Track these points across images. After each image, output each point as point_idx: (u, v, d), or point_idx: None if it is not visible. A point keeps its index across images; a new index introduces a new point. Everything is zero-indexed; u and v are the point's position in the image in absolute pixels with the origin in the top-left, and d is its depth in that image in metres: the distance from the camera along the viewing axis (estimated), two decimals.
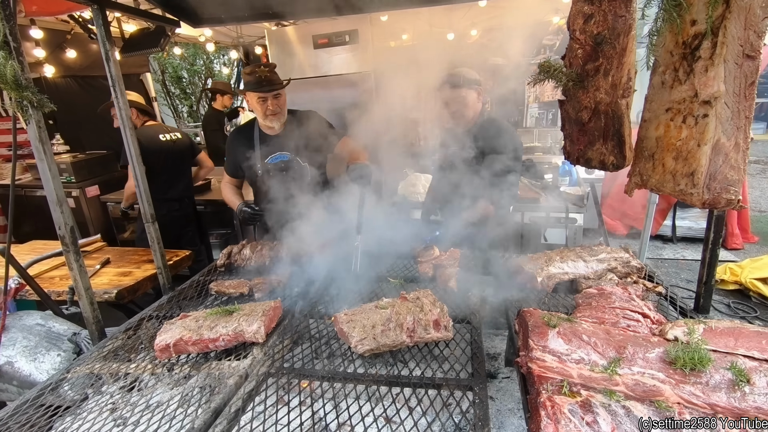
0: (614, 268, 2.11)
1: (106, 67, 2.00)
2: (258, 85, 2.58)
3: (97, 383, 1.67)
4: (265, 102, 2.63)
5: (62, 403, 1.59)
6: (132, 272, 3.06)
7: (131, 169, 2.17)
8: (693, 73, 1.28)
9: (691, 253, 5.51)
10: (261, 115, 2.72)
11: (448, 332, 1.62)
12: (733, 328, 1.34)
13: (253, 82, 2.59)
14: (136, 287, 2.85)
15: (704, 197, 1.30)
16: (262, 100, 2.63)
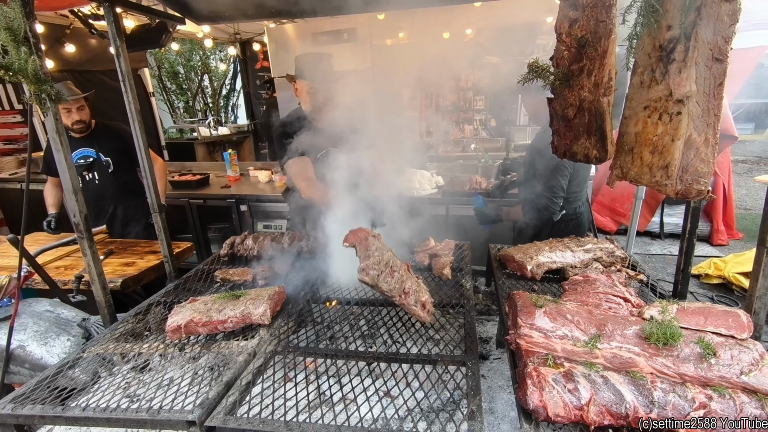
0: (599, 258, 2.23)
1: (117, 63, 2.08)
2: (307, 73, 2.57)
3: (109, 364, 1.76)
4: (312, 93, 2.61)
5: (74, 385, 1.69)
6: (135, 262, 3.15)
7: (141, 162, 2.25)
8: (668, 74, 1.40)
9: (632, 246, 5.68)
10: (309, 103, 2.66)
11: (428, 316, 1.72)
12: (704, 308, 1.47)
13: (306, 69, 2.56)
14: (140, 276, 2.94)
15: (677, 188, 1.42)
16: (308, 90, 2.60)
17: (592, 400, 1.20)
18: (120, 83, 2.11)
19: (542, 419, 1.20)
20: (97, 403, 1.38)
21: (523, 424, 1.19)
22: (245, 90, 9.02)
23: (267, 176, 5.24)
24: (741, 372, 1.25)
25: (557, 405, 1.19)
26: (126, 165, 3.60)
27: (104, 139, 3.57)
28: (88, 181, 3.58)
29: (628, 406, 1.19)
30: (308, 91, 2.61)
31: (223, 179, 5.50)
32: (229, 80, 10.43)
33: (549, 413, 1.19)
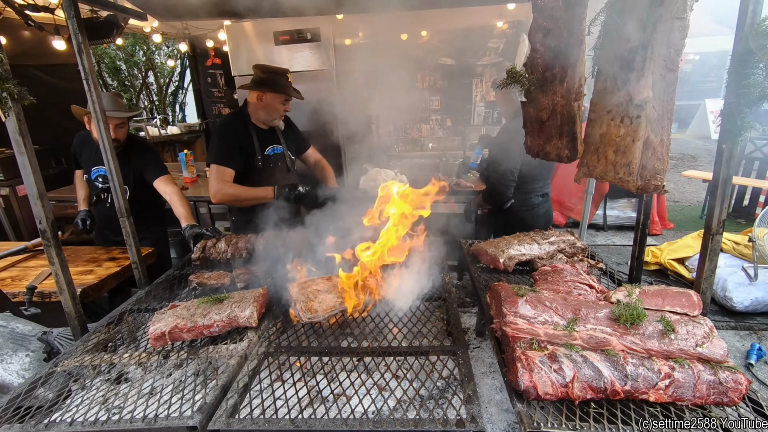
0: (563, 249, 2.41)
1: (79, 60, 1.97)
2: (288, 89, 2.83)
3: (86, 377, 1.68)
4: (285, 104, 2.87)
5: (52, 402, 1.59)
6: (94, 270, 2.98)
7: (107, 164, 2.14)
8: (628, 82, 1.56)
9: (620, 239, 6.16)
10: (274, 115, 2.88)
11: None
12: (661, 290, 1.65)
13: (283, 84, 2.81)
14: (100, 285, 2.79)
15: (638, 183, 1.59)
16: (285, 102, 2.85)
17: (576, 377, 1.32)
18: (83, 81, 2.00)
19: (533, 398, 1.30)
20: (84, 417, 1.33)
21: (516, 404, 1.29)
22: (195, 88, 8.67)
23: None
24: (696, 344, 1.43)
25: (546, 384, 1.30)
26: (145, 193, 3.19)
27: (131, 161, 3.13)
28: (101, 201, 3.22)
29: (606, 381, 1.32)
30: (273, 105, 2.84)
31: (179, 181, 5.27)
32: (177, 77, 9.96)
33: (539, 392, 1.30)
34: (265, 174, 2.95)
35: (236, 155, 2.84)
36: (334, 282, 1.98)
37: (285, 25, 3.89)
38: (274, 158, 2.99)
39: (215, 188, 2.81)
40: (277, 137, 3.02)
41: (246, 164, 2.91)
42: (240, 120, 2.91)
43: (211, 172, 2.87)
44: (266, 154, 2.94)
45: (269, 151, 2.96)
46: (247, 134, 2.89)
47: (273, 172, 2.97)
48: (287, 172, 3.06)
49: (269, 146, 2.96)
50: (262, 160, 2.91)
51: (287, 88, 2.82)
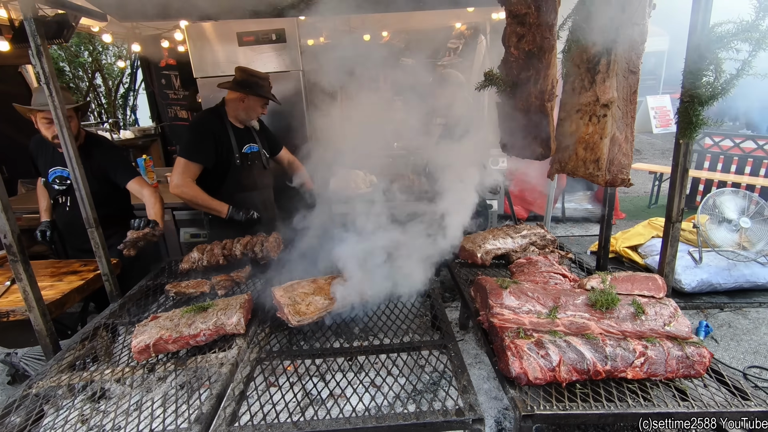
0: (534, 242, 2.53)
1: (38, 63, 1.87)
2: (270, 94, 2.93)
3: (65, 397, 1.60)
4: (264, 107, 2.96)
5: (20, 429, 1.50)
6: (54, 285, 2.82)
7: (72, 170, 2.03)
8: (595, 83, 1.67)
9: (578, 231, 6.49)
10: (253, 115, 2.95)
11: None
12: (630, 276, 1.78)
13: (266, 89, 2.91)
14: (63, 300, 2.64)
15: (606, 177, 1.70)
16: (264, 105, 2.94)
17: (561, 361, 1.41)
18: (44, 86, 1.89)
19: (524, 384, 1.38)
20: None
21: (509, 390, 1.36)
22: (148, 90, 8.30)
23: None
24: (664, 324, 1.56)
25: (535, 369, 1.38)
26: (108, 192, 2.93)
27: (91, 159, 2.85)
28: (60, 204, 2.97)
29: (589, 363, 1.42)
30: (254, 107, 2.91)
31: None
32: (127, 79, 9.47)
33: (529, 377, 1.37)
34: (242, 171, 2.95)
35: (208, 151, 2.80)
36: (319, 284, 1.99)
37: (248, 26, 3.81)
38: (251, 156, 3.00)
39: (177, 182, 2.77)
40: (252, 136, 3.04)
41: (223, 161, 2.88)
42: (217, 117, 2.90)
43: (176, 165, 2.78)
44: (244, 152, 2.95)
45: (246, 149, 2.97)
46: (224, 131, 2.89)
47: (250, 169, 2.98)
48: (263, 170, 3.06)
49: (246, 144, 2.98)
50: (240, 158, 2.91)
51: (269, 92, 2.91)
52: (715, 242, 4.54)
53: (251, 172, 2.98)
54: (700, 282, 4.50)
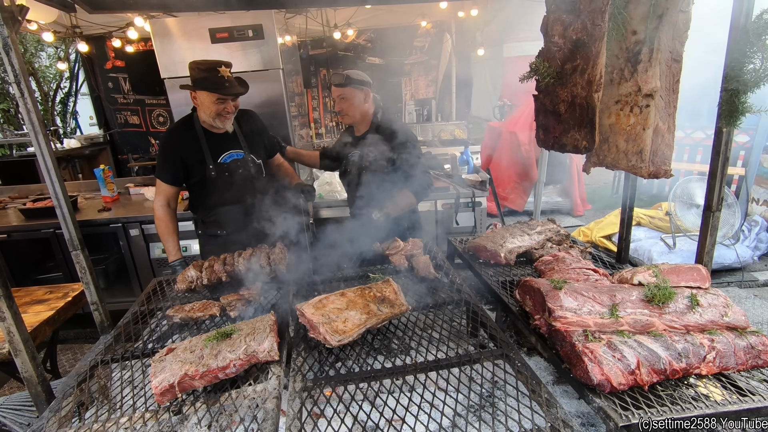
0: (551, 238, 2.49)
1: (5, 59, 1.57)
2: (219, 86, 2.41)
3: None
4: (223, 103, 2.48)
5: None
6: None
7: (48, 182, 1.73)
8: (636, 73, 1.63)
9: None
10: (212, 115, 2.51)
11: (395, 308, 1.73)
12: (674, 267, 1.76)
13: (213, 81, 2.41)
14: (32, 335, 2.29)
15: (650, 169, 1.67)
16: (221, 101, 2.47)
17: (639, 363, 1.34)
18: (11, 85, 1.59)
19: (608, 391, 1.30)
20: None
21: (594, 400, 1.27)
22: (93, 94, 7.63)
23: None
24: (721, 315, 1.54)
25: (617, 374, 1.30)
26: None
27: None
28: None
29: (665, 362, 1.36)
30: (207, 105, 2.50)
31: (97, 201, 4.60)
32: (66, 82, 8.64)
33: (613, 383, 1.29)
34: (221, 184, 2.65)
35: (173, 168, 2.59)
36: (350, 297, 1.82)
37: (222, 21, 3.54)
38: (232, 165, 2.66)
39: (157, 204, 2.65)
40: (236, 141, 2.69)
41: (197, 174, 2.62)
42: (185, 126, 2.61)
43: (156, 188, 2.68)
44: (220, 162, 2.63)
45: (225, 158, 2.65)
46: (194, 141, 2.58)
47: (231, 181, 2.66)
48: (251, 180, 2.72)
49: (225, 152, 2.66)
50: (215, 169, 2.61)
51: (218, 85, 2.41)
52: (686, 227, 4.77)
53: (233, 184, 2.66)
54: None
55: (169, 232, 2.63)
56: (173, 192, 2.66)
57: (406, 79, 7.67)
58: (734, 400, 1.29)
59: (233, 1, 2.56)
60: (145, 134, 7.86)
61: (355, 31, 7.05)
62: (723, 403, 1.26)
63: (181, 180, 2.65)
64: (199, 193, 2.72)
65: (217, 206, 2.71)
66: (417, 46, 7.55)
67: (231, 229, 2.73)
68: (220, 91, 2.41)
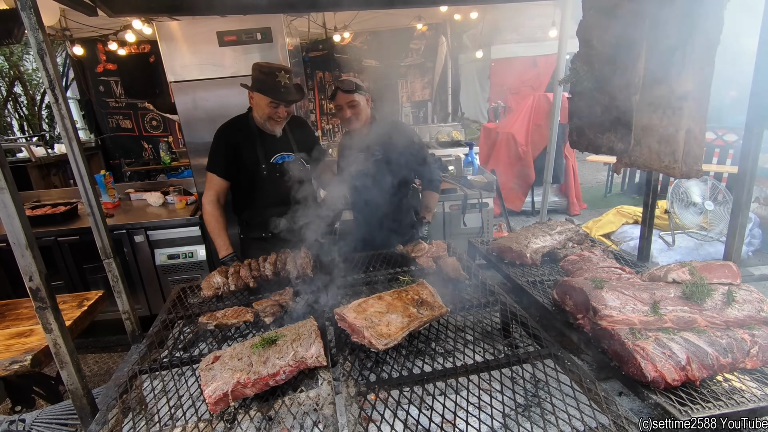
0: (571, 238, 2.53)
1: (41, 64, 1.53)
2: (277, 91, 2.49)
3: None
4: (276, 107, 2.55)
5: None
6: (33, 329, 2.41)
7: (82, 192, 1.69)
8: (669, 76, 1.67)
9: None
10: (264, 117, 2.60)
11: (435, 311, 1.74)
12: (706, 264, 1.80)
13: (270, 85, 2.49)
14: None
15: (683, 169, 1.71)
16: (274, 105, 2.54)
17: (689, 359, 1.37)
18: (49, 92, 1.56)
19: (662, 387, 1.32)
20: None
21: (650, 396, 1.30)
22: (84, 98, 7.47)
23: (159, 198, 4.48)
24: (758, 310, 1.58)
25: (670, 371, 1.33)
26: None
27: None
28: None
29: (712, 357, 1.40)
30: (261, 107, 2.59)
31: None
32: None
33: (667, 380, 1.32)
34: (270, 184, 2.70)
35: (225, 162, 2.64)
36: (387, 300, 1.82)
37: (230, 24, 3.50)
38: (283, 167, 2.71)
39: (206, 199, 2.66)
40: (288, 143, 2.75)
41: (249, 173, 2.68)
42: (240, 123, 2.68)
43: (206, 181, 2.70)
44: (272, 163, 2.69)
45: (277, 159, 2.71)
46: (250, 139, 2.65)
47: (280, 182, 2.69)
48: (298, 182, 2.68)
49: (277, 153, 2.72)
50: (267, 169, 2.67)
51: (273, 89, 2.49)
52: (684, 224, 4.89)
53: (282, 185, 2.68)
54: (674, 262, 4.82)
55: (219, 227, 2.63)
56: (225, 187, 2.68)
57: (403, 81, 7.71)
58: None
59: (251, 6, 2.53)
60: (137, 138, 7.74)
61: (351, 33, 7.06)
62: None
63: (233, 175, 2.67)
64: (247, 193, 2.75)
65: (266, 207, 2.73)
66: (413, 48, 7.60)
67: (277, 230, 2.68)
68: (274, 96, 2.48)
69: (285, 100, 2.54)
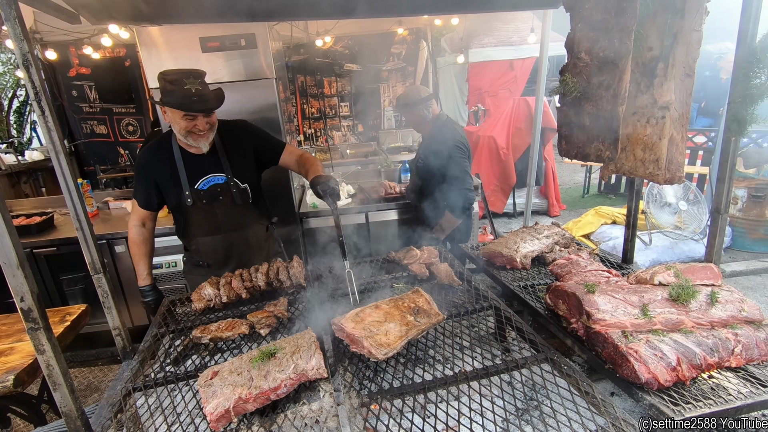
0: (558, 241, 2.59)
1: (26, 75, 1.48)
2: (185, 101, 2.11)
3: None
4: (193, 120, 2.18)
5: None
6: (14, 347, 2.32)
7: (70, 206, 1.65)
8: (652, 86, 1.74)
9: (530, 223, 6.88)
10: (182, 133, 2.23)
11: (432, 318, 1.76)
12: (689, 266, 1.88)
13: (178, 96, 2.11)
14: (35, 365, 2.18)
15: (666, 176, 1.78)
16: (190, 117, 2.18)
17: (679, 359, 1.43)
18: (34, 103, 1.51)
19: (656, 388, 1.38)
20: None
21: (644, 397, 1.35)
22: (56, 103, 7.21)
23: None
24: (739, 310, 1.66)
25: (663, 372, 1.39)
26: None
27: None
28: None
29: (700, 357, 1.46)
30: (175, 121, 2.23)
31: None
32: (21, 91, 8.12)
33: (660, 381, 1.37)
34: (199, 213, 2.41)
35: (146, 192, 2.38)
36: (385, 309, 1.83)
37: (213, 30, 3.45)
38: (211, 192, 2.39)
39: (129, 221, 2.47)
40: (217, 163, 2.38)
41: (173, 200, 2.40)
42: (161, 147, 2.37)
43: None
44: (197, 189, 2.36)
45: (203, 183, 2.37)
46: (169, 163, 2.34)
47: (210, 209, 2.40)
48: (231, 206, 2.44)
49: (204, 177, 2.38)
50: (192, 196, 2.35)
51: (183, 100, 2.11)
52: (660, 224, 5.07)
53: (212, 212, 2.41)
54: (652, 261, 5.00)
55: (140, 254, 2.41)
56: (147, 214, 2.44)
57: (384, 85, 7.73)
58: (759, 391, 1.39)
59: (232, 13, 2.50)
60: (113, 144, 7.52)
61: (332, 37, 7.04)
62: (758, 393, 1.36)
63: (155, 204, 2.43)
64: (179, 219, 2.50)
65: (197, 236, 2.49)
66: (394, 52, 7.63)
67: (213, 261, 2.53)
68: (186, 107, 2.13)
69: (199, 109, 2.16)
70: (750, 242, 5.27)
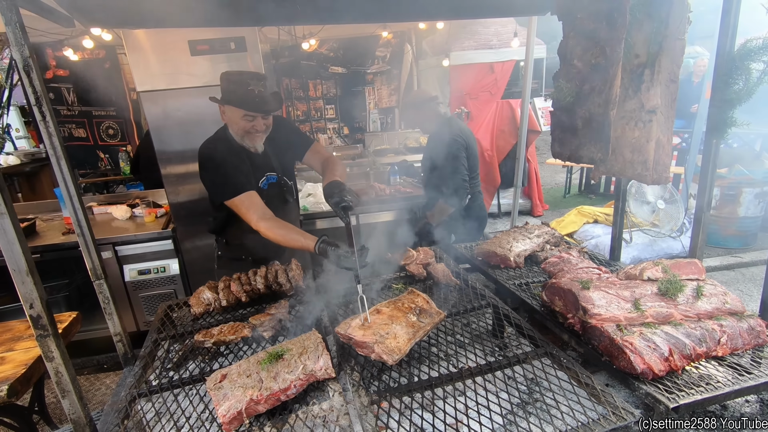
0: (548, 240, 2.68)
1: (26, 81, 1.47)
2: (251, 102, 2.17)
3: None
4: (252, 120, 2.23)
5: None
6: (5, 357, 2.27)
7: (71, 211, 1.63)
8: (639, 92, 1.83)
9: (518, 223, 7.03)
10: (240, 133, 2.28)
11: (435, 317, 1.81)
12: (675, 263, 1.97)
13: (242, 97, 2.16)
14: (28, 375, 2.14)
15: (653, 177, 1.87)
16: (249, 118, 2.23)
17: (671, 350, 1.51)
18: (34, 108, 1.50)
19: (651, 378, 1.45)
20: None
21: (641, 387, 1.42)
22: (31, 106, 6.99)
23: (126, 212, 4.30)
24: (723, 302, 1.76)
25: (657, 362, 1.46)
26: None
27: None
28: None
29: (689, 347, 1.55)
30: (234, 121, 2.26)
31: (57, 223, 4.26)
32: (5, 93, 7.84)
33: (654, 371, 1.45)
34: None
35: (244, 176, 2.28)
36: (387, 313, 1.86)
37: (203, 33, 3.43)
38: (270, 190, 2.42)
39: (256, 218, 2.16)
40: (269, 161, 2.42)
41: None
42: (223, 142, 2.33)
43: (238, 207, 2.21)
44: (260, 187, 2.37)
45: (263, 183, 2.40)
46: (240, 159, 2.31)
47: (270, 207, 2.28)
48: (285, 203, 2.47)
49: (263, 176, 2.40)
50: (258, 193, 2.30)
51: (246, 100, 2.17)
52: (639, 222, 5.25)
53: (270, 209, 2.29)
54: (633, 258, 5.17)
55: (287, 228, 2.17)
56: (259, 200, 2.22)
57: (369, 88, 7.77)
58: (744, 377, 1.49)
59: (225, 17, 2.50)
60: (92, 148, 7.34)
61: (317, 40, 7.05)
62: (743, 380, 1.45)
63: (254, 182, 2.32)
64: (229, 214, 2.35)
65: (249, 232, 2.28)
66: (379, 55, 7.68)
67: (258, 255, 2.49)
68: (248, 107, 2.19)
69: (261, 110, 2.23)
70: (723, 238, 5.50)
